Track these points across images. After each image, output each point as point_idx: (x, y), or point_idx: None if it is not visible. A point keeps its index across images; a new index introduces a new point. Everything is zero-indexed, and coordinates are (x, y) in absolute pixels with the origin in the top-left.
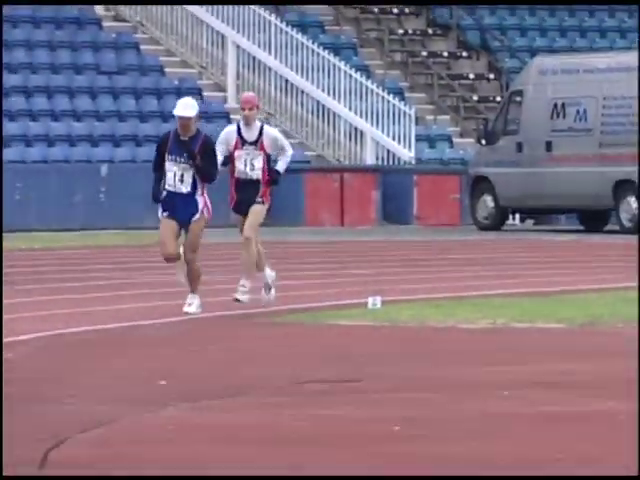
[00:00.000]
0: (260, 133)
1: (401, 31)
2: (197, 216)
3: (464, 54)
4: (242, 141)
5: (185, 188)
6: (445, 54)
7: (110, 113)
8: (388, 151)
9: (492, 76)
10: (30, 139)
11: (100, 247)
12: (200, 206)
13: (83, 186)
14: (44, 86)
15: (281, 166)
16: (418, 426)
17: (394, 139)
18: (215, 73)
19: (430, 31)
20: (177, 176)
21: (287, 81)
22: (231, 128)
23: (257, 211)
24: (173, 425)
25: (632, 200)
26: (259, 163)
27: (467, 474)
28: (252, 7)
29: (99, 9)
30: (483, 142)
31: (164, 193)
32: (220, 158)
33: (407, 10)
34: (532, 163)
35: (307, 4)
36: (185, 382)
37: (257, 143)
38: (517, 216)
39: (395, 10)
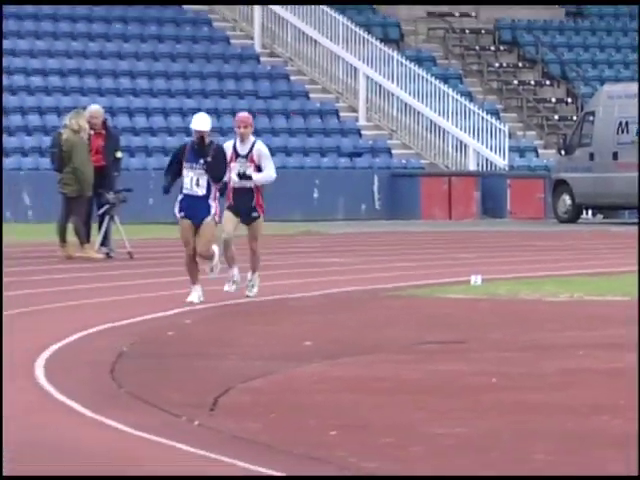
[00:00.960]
0: (251, 147)
1: (497, 64)
2: (208, 219)
3: (547, 82)
4: (236, 154)
5: (200, 191)
6: (532, 82)
7: (265, 130)
8: (486, 160)
9: (570, 100)
10: None
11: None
12: (212, 210)
13: None
14: (214, 108)
15: (258, 174)
16: (511, 379)
17: (491, 150)
18: (349, 98)
19: (520, 64)
20: (193, 180)
21: (406, 104)
22: (229, 144)
23: (258, 226)
24: (317, 377)
25: None
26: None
27: (550, 418)
28: (377, 45)
29: (257, 46)
30: (562, 152)
31: (180, 196)
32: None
33: (502, 48)
34: (602, 169)
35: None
36: (326, 343)
37: (248, 156)
38: (590, 212)
39: (492, 48)
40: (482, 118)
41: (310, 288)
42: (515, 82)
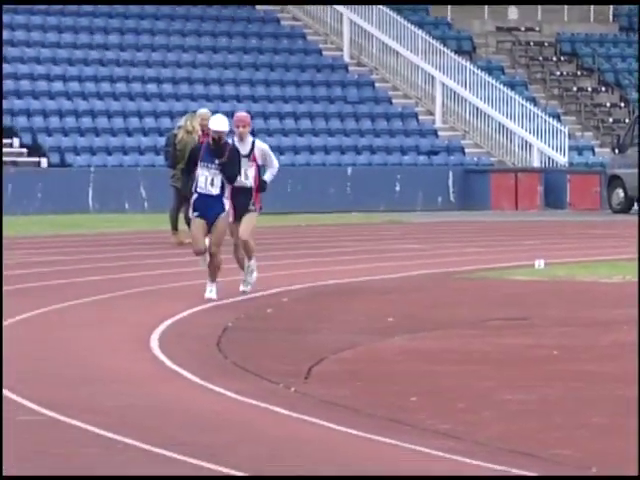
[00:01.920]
0: (252, 147)
1: (558, 73)
2: (223, 215)
3: (603, 89)
4: None
5: (215, 190)
6: (589, 89)
7: (353, 131)
8: (549, 158)
9: (622, 105)
10: (298, 149)
11: (346, 225)
12: (226, 207)
13: (334, 182)
14: (307, 112)
15: (268, 176)
16: (570, 351)
17: (553, 149)
18: (427, 102)
19: (578, 73)
20: (208, 180)
21: (477, 108)
22: None
23: (251, 217)
24: (398, 349)
25: None
26: (252, 172)
27: (604, 385)
28: (452, 56)
29: (346, 57)
30: (616, 151)
31: (195, 195)
32: None
33: (562, 58)
34: None
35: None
36: (406, 319)
37: (250, 155)
38: None
39: (554, 58)
40: (545, 121)
41: (392, 271)
42: (574, 89)
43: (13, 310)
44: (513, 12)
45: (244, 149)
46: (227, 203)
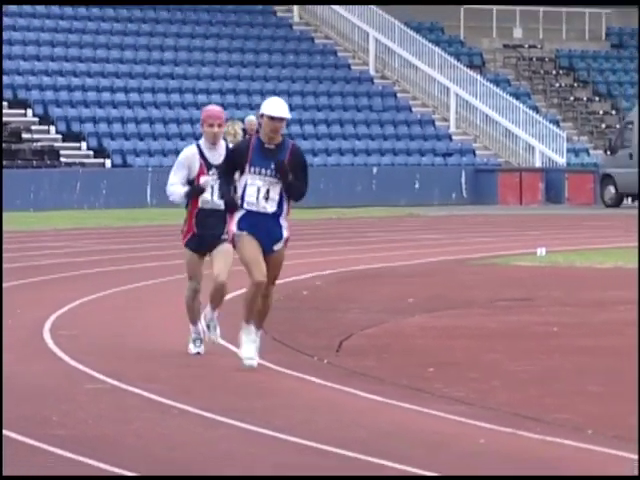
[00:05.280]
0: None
1: (557, 85)
2: (280, 244)
3: (596, 99)
4: (207, 165)
5: (270, 207)
6: (584, 99)
7: (378, 135)
8: (549, 158)
9: (614, 112)
10: (330, 152)
11: (372, 217)
12: (285, 232)
13: (362, 180)
14: (338, 119)
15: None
16: (569, 327)
17: (553, 151)
18: (442, 111)
19: (575, 85)
20: (262, 192)
21: (487, 115)
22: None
23: (227, 251)
24: (418, 326)
25: None
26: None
27: (600, 358)
28: (464, 70)
29: (372, 71)
30: (608, 153)
31: (242, 212)
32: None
33: (561, 72)
34: (639, 165)
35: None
36: (425, 300)
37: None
38: (629, 199)
39: (553, 72)
40: (545, 126)
41: (412, 257)
42: (571, 98)
43: (82, 292)
44: (518, 31)
45: (216, 158)
46: (286, 226)
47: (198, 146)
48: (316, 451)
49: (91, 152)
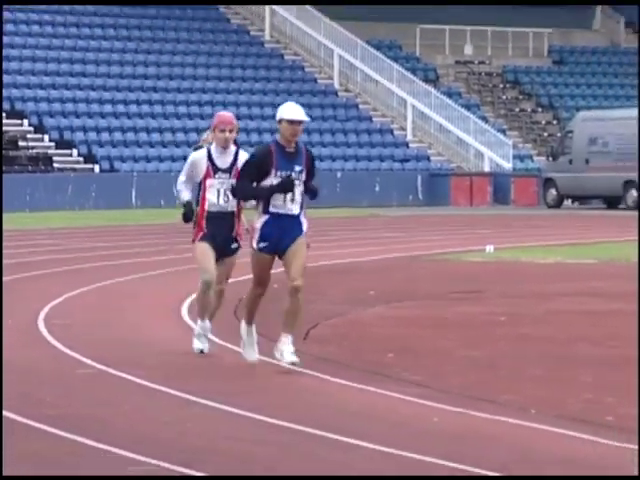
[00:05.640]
0: (235, 158)
1: (504, 97)
2: (302, 238)
3: (539, 110)
4: (214, 168)
5: (296, 209)
6: (529, 110)
7: (342, 143)
8: (497, 164)
9: (555, 122)
10: (336, 158)
11: (336, 217)
12: (305, 228)
13: (327, 184)
14: (305, 128)
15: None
16: (514, 317)
17: (500, 157)
18: (400, 121)
19: (520, 97)
20: (289, 195)
21: (440, 125)
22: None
23: (233, 257)
24: (378, 316)
25: (634, 192)
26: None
27: (543, 345)
28: (420, 83)
29: (336, 84)
30: (550, 159)
31: (265, 217)
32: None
33: (507, 85)
34: (578, 171)
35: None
36: (384, 293)
37: (232, 170)
38: (569, 200)
39: (501, 85)
40: (493, 135)
41: (373, 254)
42: (517, 109)
43: (74, 285)
44: (469, 49)
45: (224, 161)
46: (305, 222)
47: (208, 150)
48: (289, 429)
49: (81, 158)
